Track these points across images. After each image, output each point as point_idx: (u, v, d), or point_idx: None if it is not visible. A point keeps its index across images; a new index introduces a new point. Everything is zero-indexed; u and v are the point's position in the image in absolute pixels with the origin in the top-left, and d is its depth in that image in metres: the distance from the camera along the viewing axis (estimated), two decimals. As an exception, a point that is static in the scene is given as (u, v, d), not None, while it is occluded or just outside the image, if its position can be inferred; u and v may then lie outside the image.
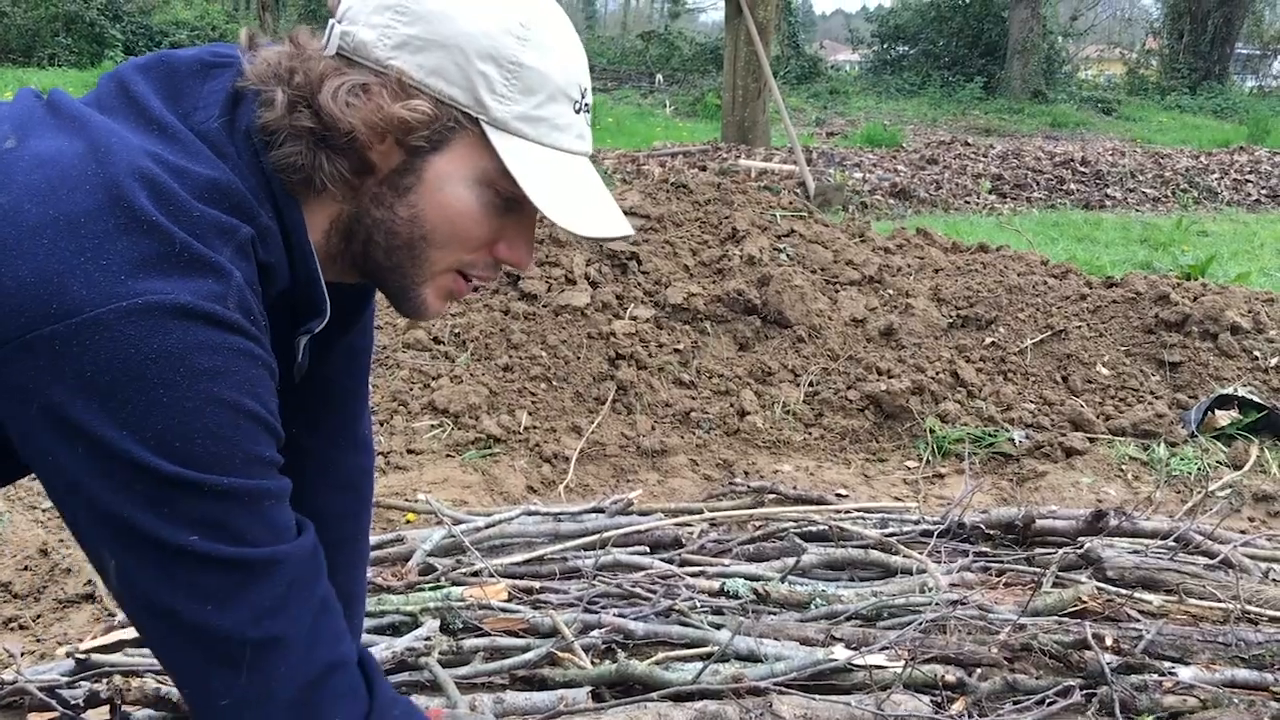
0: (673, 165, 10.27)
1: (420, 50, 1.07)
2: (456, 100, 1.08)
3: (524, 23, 1.09)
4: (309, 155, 1.07)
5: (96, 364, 0.93)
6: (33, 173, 0.99)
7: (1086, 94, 25.39)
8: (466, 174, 1.10)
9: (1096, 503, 3.24)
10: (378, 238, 1.13)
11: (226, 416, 0.98)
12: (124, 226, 0.96)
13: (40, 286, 0.94)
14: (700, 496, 3.24)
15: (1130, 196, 10.58)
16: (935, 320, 4.09)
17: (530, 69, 1.09)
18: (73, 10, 21.40)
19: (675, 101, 21.54)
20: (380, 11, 1.08)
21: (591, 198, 1.15)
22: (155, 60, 1.13)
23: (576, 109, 1.14)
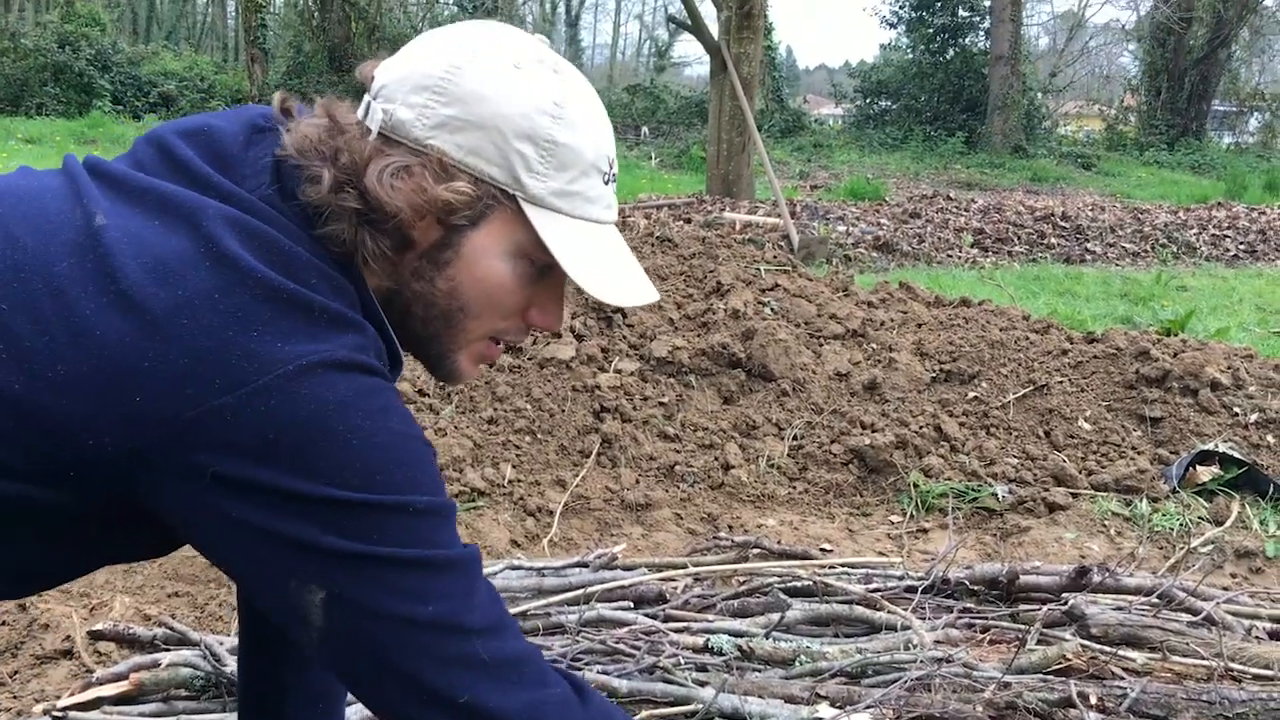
0: (658, 217, 10.35)
1: (459, 130, 1.10)
2: (495, 179, 1.11)
3: (558, 102, 1.13)
4: (353, 233, 1.10)
5: (277, 426, 0.97)
6: (143, 256, 1.01)
7: (1066, 149, 25.73)
8: (503, 248, 1.14)
9: (1080, 558, 3.24)
10: (416, 310, 1.17)
11: (411, 445, 1.05)
12: (260, 296, 1.00)
13: (197, 365, 0.97)
14: (684, 551, 3.23)
15: (1110, 251, 10.70)
16: (918, 374, 4.11)
17: (564, 146, 1.13)
18: (61, 60, 21.56)
19: (660, 154, 21.73)
20: (418, 92, 1.11)
21: (621, 266, 1.20)
22: (197, 127, 1.16)
23: (605, 180, 1.18)
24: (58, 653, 2.43)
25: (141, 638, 2.42)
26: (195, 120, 1.18)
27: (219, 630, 2.54)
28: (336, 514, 1.00)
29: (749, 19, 12.25)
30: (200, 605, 2.69)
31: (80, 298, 0.99)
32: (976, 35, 27.52)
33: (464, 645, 1.05)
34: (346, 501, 1.00)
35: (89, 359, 0.98)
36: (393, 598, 1.02)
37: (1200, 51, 27.10)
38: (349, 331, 1.04)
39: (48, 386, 0.98)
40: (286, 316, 1.00)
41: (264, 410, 0.97)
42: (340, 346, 1.02)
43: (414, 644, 1.03)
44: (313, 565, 1.01)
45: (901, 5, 28.31)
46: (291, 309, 1.01)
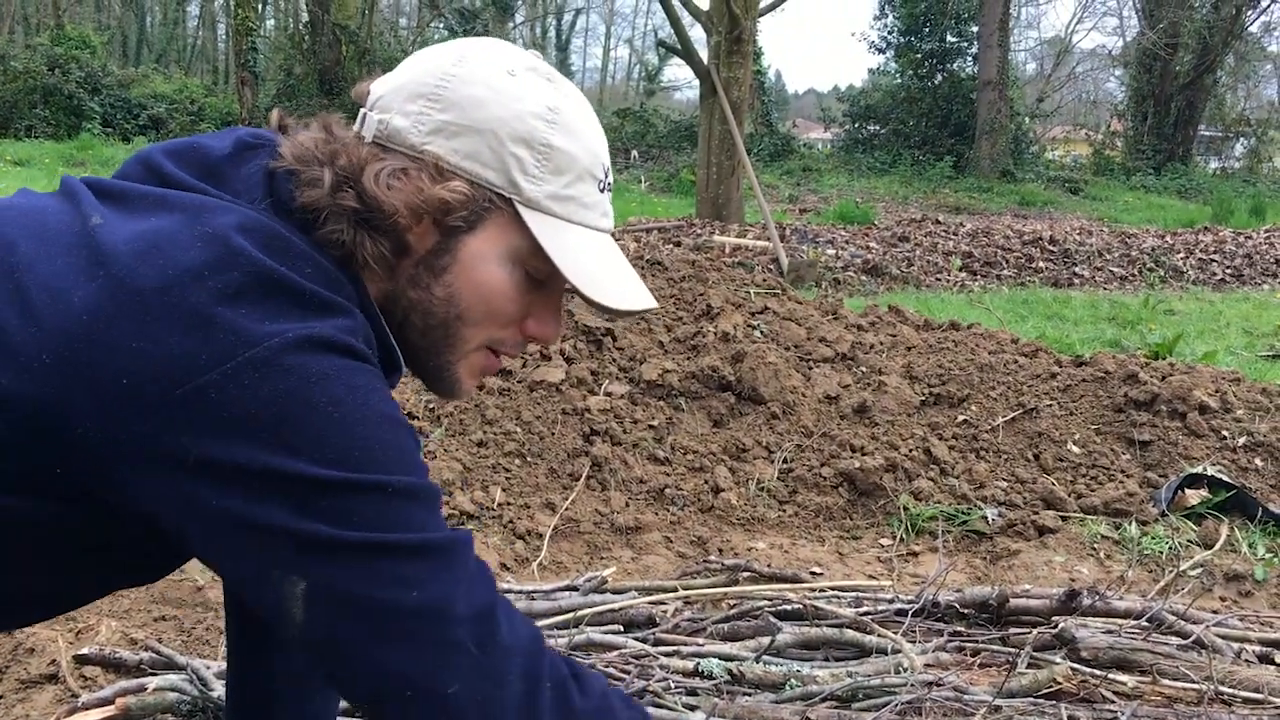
0: (648, 241, 10.37)
1: (455, 136, 1.12)
2: (491, 182, 1.12)
3: (552, 107, 1.15)
4: (351, 233, 1.09)
5: (259, 400, 0.95)
6: (134, 241, 1.01)
7: (1053, 174, 25.91)
8: (500, 252, 1.14)
9: (1069, 581, 3.24)
10: (414, 318, 1.16)
11: (393, 425, 1.03)
12: (250, 275, 0.99)
13: (184, 342, 0.95)
14: (674, 574, 3.22)
15: (1098, 275, 10.75)
16: (908, 398, 4.12)
17: (560, 150, 1.14)
18: (51, 83, 21.54)
19: (650, 177, 21.79)
20: (413, 100, 1.13)
21: (619, 273, 1.20)
22: (185, 146, 1.16)
23: (600, 188, 1.19)
24: (43, 677, 2.41)
25: (127, 662, 2.40)
26: (182, 140, 1.18)
27: (206, 655, 2.52)
28: (314, 494, 0.97)
29: (738, 44, 12.32)
30: (187, 630, 2.67)
31: (69, 287, 0.99)
32: (964, 61, 27.74)
33: (451, 634, 1.01)
34: (325, 481, 0.97)
35: (74, 343, 0.96)
36: (373, 584, 0.98)
37: (1186, 77, 27.35)
38: (338, 315, 1.03)
39: (32, 377, 0.97)
40: (274, 296, 0.99)
41: (247, 384, 0.95)
42: (328, 327, 1.00)
43: (397, 633, 0.99)
44: (291, 553, 0.97)
45: (890, 31, 28.53)
46: (281, 290, 1.00)
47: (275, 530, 0.97)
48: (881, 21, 28.81)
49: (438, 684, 1.01)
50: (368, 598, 0.98)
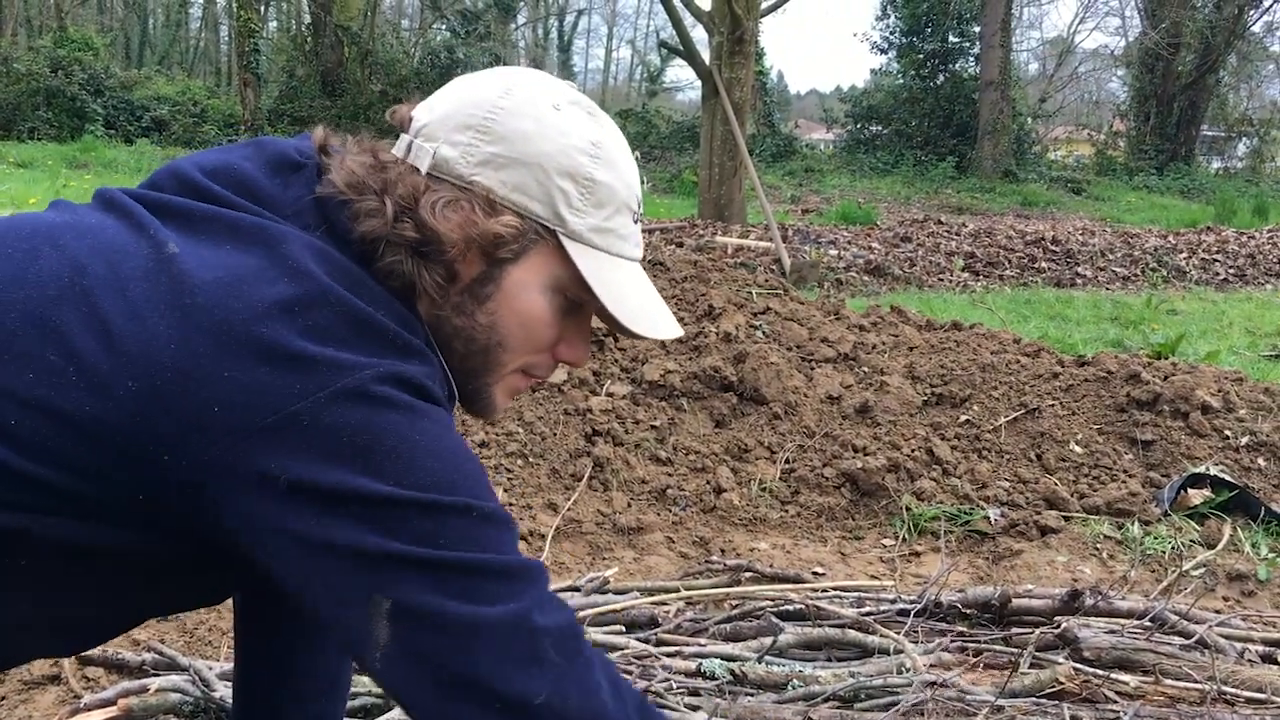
0: (650, 241, 10.37)
1: (503, 168, 1.14)
2: (537, 214, 1.15)
3: (595, 141, 1.18)
4: (410, 264, 1.11)
5: (351, 426, 0.98)
6: (217, 270, 1.02)
7: (1056, 174, 25.90)
8: (542, 281, 1.17)
9: (1072, 581, 3.24)
10: (456, 344, 1.18)
11: (470, 457, 1.08)
12: (338, 312, 1.02)
13: (275, 372, 0.98)
14: (676, 574, 3.22)
15: (1101, 275, 10.75)
16: (910, 398, 4.12)
17: (602, 184, 1.17)
18: (54, 85, 21.56)
19: (653, 178, 21.79)
20: (462, 130, 1.15)
21: (650, 301, 1.24)
22: (219, 162, 1.16)
23: (635, 219, 1.23)
24: (45, 678, 2.41)
25: (130, 663, 2.40)
26: (211, 154, 1.19)
27: (208, 655, 2.52)
28: (402, 515, 0.99)
29: (740, 44, 12.32)
30: (189, 630, 2.67)
31: (153, 315, 1.00)
32: (967, 61, 27.74)
33: (535, 645, 1.02)
34: (412, 501, 1.00)
35: (163, 371, 0.98)
36: (458, 601, 1.00)
37: (1189, 77, 27.33)
38: (418, 359, 1.07)
39: (118, 405, 0.98)
40: (362, 335, 1.03)
41: (339, 411, 0.98)
42: (411, 369, 1.04)
43: (483, 646, 1.00)
44: (378, 573, 0.99)
45: (892, 31, 28.53)
46: (367, 329, 1.03)
47: (361, 552, 0.99)
48: (883, 22, 28.84)
49: (526, 693, 1.01)
50: (453, 613, 1.00)
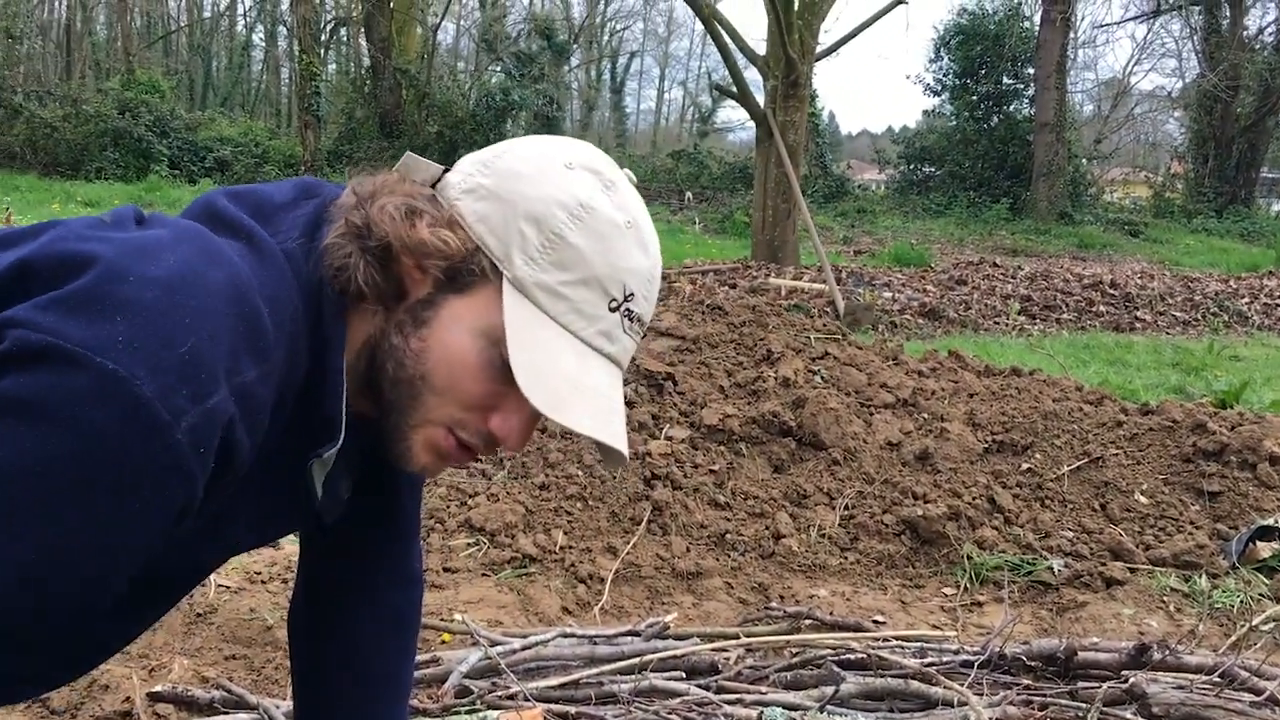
0: (704, 283, 10.40)
1: (482, 199, 1.11)
2: (490, 248, 1.09)
3: (584, 205, 1.11)
4: (356, 255, 1.09)
5: (32, 381, 0.89)
6: (130, 240, 1.01)
7: (1113, 216, 25.65)
8: (476, 323, 1.10)
9: (1139, 635, 3.19)
10: (389, 365, 1.12)
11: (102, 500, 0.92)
12: (167, 311, 0.94)
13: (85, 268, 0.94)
14: (736, 620, 3.21)
15: (1160, 319, 10.62)
16: (971, 445, 4.09)
17: (570, 245, 1.09)
18: (121, 126, 22.12)
19: (704, 218, 21.88)
20: (473, 161, 1.15)
21: (579, 389, 1.10)
22: (246, 190, 1.17)
23: (613, 307, 1.12)
24: (117, 714, 2.46)
25: (199, 700, 2.44)
26: (247, 186, 1.20)
27: (275, 694, 2.55)
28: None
29: (795, 88, 12.39)
30: (257, 668, 2.71)
31: None
32: (1021, 103, 27.63)
33: None
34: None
35: None
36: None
37: (1248, 119, 27.02)
38: (184, 389, 0.92)
39: None
40: (159, 332, 0.93)
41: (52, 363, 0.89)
42: (156, 389, 0.90)
43: None
44: None
45: (945, 73, 28.49)
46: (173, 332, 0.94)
47: None
48: (937, 64, 28.82)
49: None
50: None
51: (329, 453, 1.14)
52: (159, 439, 0.91)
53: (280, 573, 3.26)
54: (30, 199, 16.26)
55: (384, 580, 1.55)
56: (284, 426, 1.07)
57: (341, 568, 1.54)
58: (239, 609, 3.03)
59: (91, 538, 0.92)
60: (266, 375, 1.01)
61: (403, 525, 1.55)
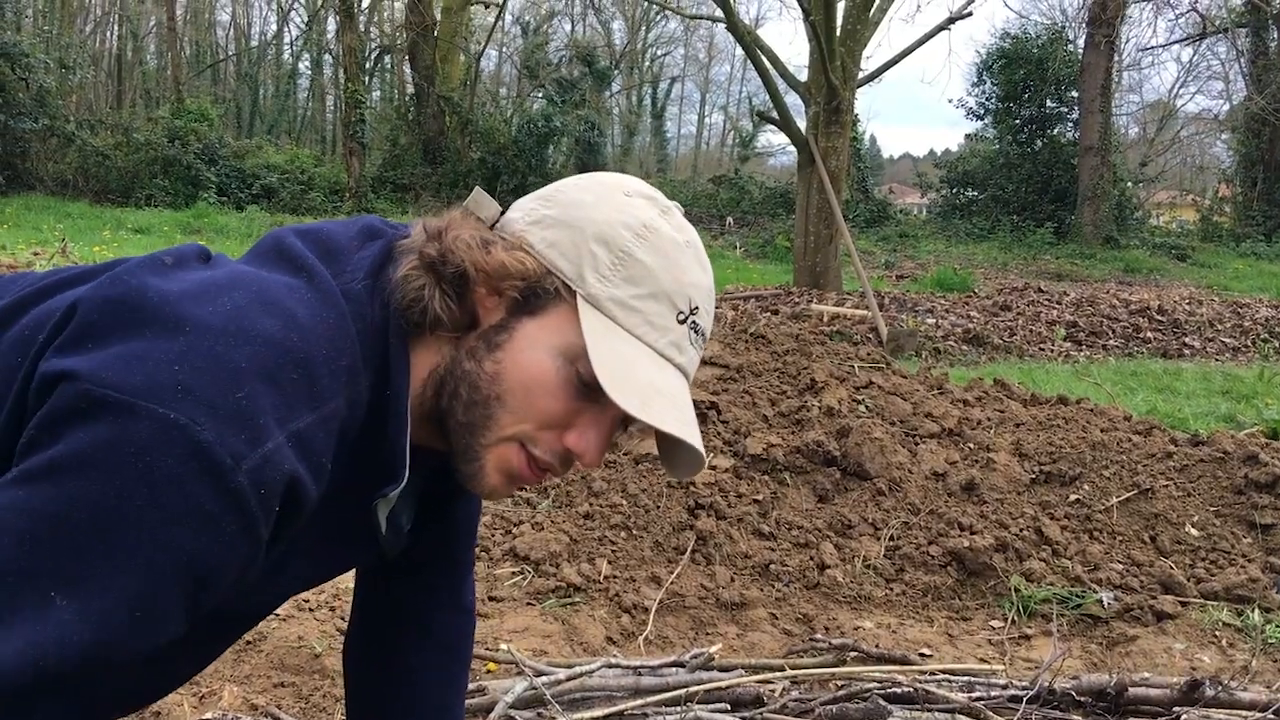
0: (746, 309, 10.40)
1: (549, 227, 1.16)
2: (561, 270, 1.13)
3: (648, 225, 1.16)
4: (427, 284, 1.11)
5: (92, 435, 0.91)
6: (184, 285, 1.03)
7: (1159, 240, 25.37)
8: (554, 342, 1.13)
9: (1190, 670, 3.14)
10: (461, 390, 1.14)
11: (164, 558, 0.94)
12: (217, 363, 0.95)
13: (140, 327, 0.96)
14: (780, 652, 3.20)
15: (1209, 346, 10.48)
16: (1017, 475, 4.06)
17: (639, 262, 1.14)
18: (170, 154, 22.52)
19: (745, 243, 21.90)
20: (534, 199, 1.20)
21: (662, 393, 1.14)
22: (314, 229, 1.20)
23: (681, 319, 1.16)
24: (169, 741, 2.49)
25: (249, 728, 2.47)
26: (315, 224, 1.23)
27: (323, 723, 2.58)
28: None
29: (837, 114, 12.39)
30: (305, 696, 2.73)
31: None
32: (1065, 126, 27.46)
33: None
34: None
35: None
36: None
37: (1297, 141, 26.66)
38: (242, 435, 0.94)
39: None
40: (211, 381, 0.95)
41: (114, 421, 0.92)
42: (216, 435, 0.93)
43: None
44: None
45: (988, 97, 28.39)
46: (224, 383, 0.96)
47: None
48: (979, 88, 28.71)
49: None
50: None
51: (393, 492, 1.16)
52: (221, 482, 0.93)
53: (328, 601, 3.29)
54: (82, 226, 16.57)
55: (437, 612, 1.58)
56: (346, 466, 1.09)
57: (396, 599, 1.56)
58: (288, 637, 3.06)
59: (167, 582, 0.94)
60: (324, 419, 1.03)
61: (457, 558, 1.57)
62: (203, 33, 43.78)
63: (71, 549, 0.90)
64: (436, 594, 1.57)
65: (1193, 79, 41.97)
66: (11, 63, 20.74)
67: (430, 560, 1.53)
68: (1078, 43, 26.41)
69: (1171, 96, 39.72)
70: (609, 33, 46.39)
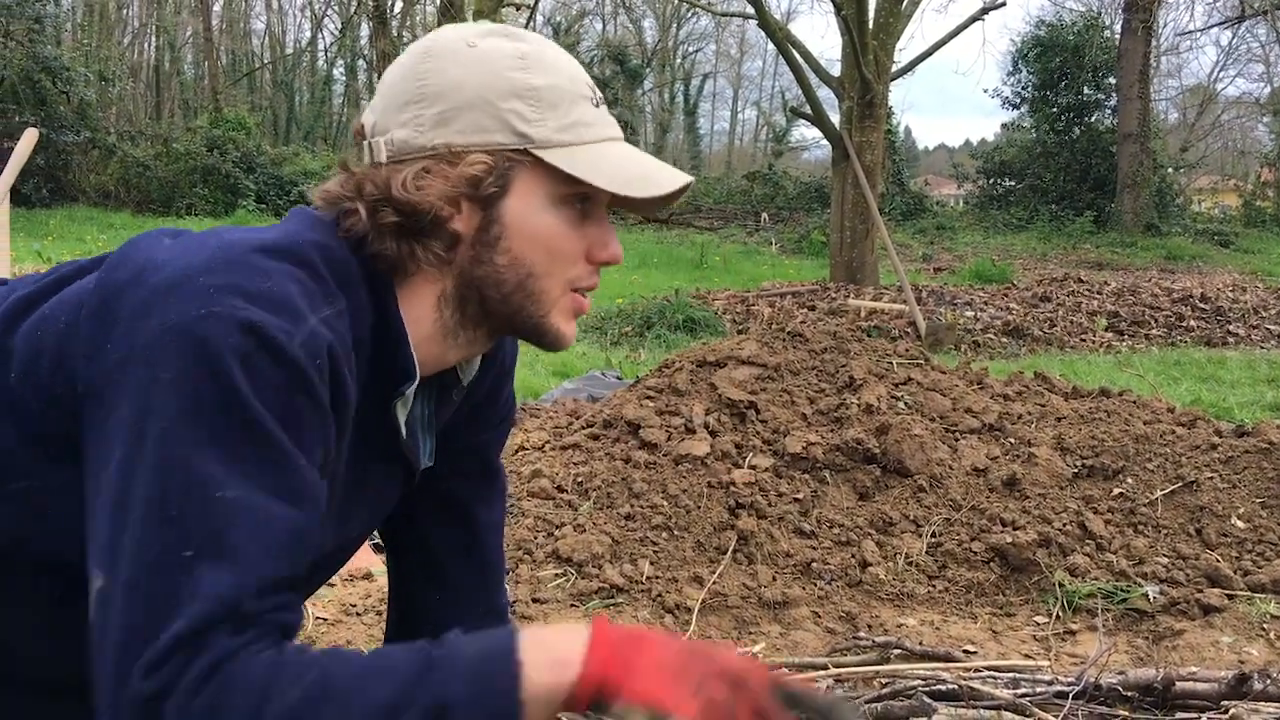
0: (782, 306, 10.39)
1: (452, 120, 1.17)
2: (502, 143, 1.17)
3: (520, 55, 1.19)
4: (398, 246, 1.15)
5: (178, 359, 0.98)
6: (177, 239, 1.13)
7: (1201, 226, 25.05)
8: (540, 201, 1.18)
9: (1238, 664, 3.12)
10: (489, 292, 1.20)
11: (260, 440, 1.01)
12: (237, 263, 1.04)
13: (146, 301, 1.02)
14: (823, 650, 3.21)
15: (1254, 334, 10.34)
16: (1060, 470, 4.04)
17: (544, 87, 1.18)
18: (210, 163, 22.79)
19: (780, 239, 21.84)
20: (403, 110, 1.18)
21: (643, 164, 1.24)
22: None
23: (594, 104, 1.23)
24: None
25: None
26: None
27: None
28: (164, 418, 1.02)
29: (871, 108, 12.34)
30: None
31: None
32: (1103, 113, 27.16)
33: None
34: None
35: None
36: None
37: (1341, 123, 26.25)
38: (283, 315, 1.03)
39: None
40: (242, 282, 1.03)
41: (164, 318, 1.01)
42: (260, 315, 1.01)
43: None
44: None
45: (1024, 86, 28.13)
46: (252, 279, 1.04)
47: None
48: (1015, 77, 28.45)
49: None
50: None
51: (409, 389, 1.21)
52: (283, 353, 1.00)
53: (374, 605, 3.34)
54: (124, 236, 16.63)
55: (470, 615, 1.59)
56: (363, 373, 1.15)
57: (429, 603, 1.58)
58: (335, 640, 3.10)
59: (284, 445, 1.01)
60: (340, 314, 1.10)
61: (488, 557, 1.59)
62: (238, 41, 44.26)
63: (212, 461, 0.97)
64: (470, 595, 1.58)
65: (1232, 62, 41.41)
66: (53, 76, 21.09)
67: (462, 563, 1.55)
68: (1114, 28, 26.15)
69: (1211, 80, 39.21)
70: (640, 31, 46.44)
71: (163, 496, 0.95)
